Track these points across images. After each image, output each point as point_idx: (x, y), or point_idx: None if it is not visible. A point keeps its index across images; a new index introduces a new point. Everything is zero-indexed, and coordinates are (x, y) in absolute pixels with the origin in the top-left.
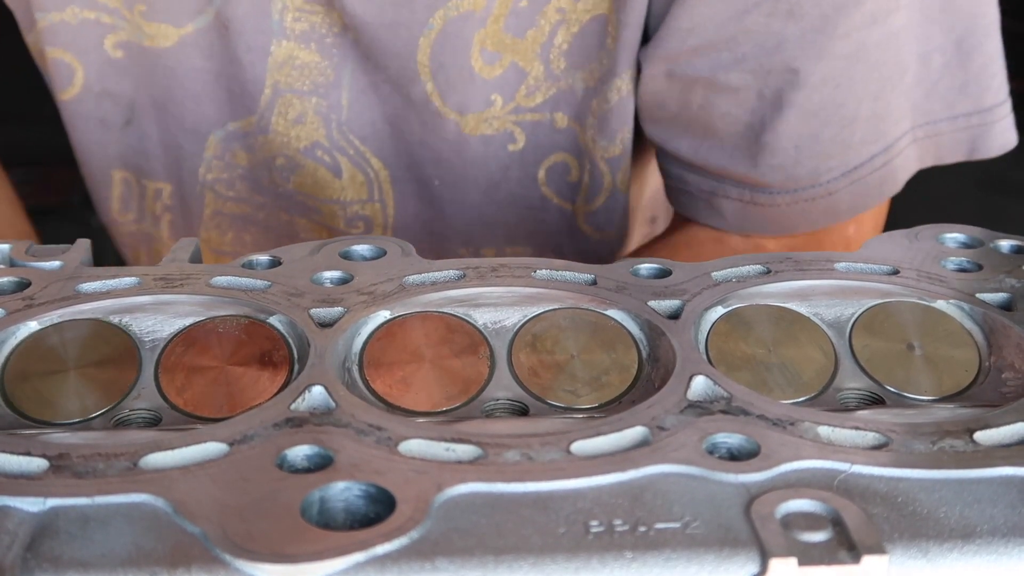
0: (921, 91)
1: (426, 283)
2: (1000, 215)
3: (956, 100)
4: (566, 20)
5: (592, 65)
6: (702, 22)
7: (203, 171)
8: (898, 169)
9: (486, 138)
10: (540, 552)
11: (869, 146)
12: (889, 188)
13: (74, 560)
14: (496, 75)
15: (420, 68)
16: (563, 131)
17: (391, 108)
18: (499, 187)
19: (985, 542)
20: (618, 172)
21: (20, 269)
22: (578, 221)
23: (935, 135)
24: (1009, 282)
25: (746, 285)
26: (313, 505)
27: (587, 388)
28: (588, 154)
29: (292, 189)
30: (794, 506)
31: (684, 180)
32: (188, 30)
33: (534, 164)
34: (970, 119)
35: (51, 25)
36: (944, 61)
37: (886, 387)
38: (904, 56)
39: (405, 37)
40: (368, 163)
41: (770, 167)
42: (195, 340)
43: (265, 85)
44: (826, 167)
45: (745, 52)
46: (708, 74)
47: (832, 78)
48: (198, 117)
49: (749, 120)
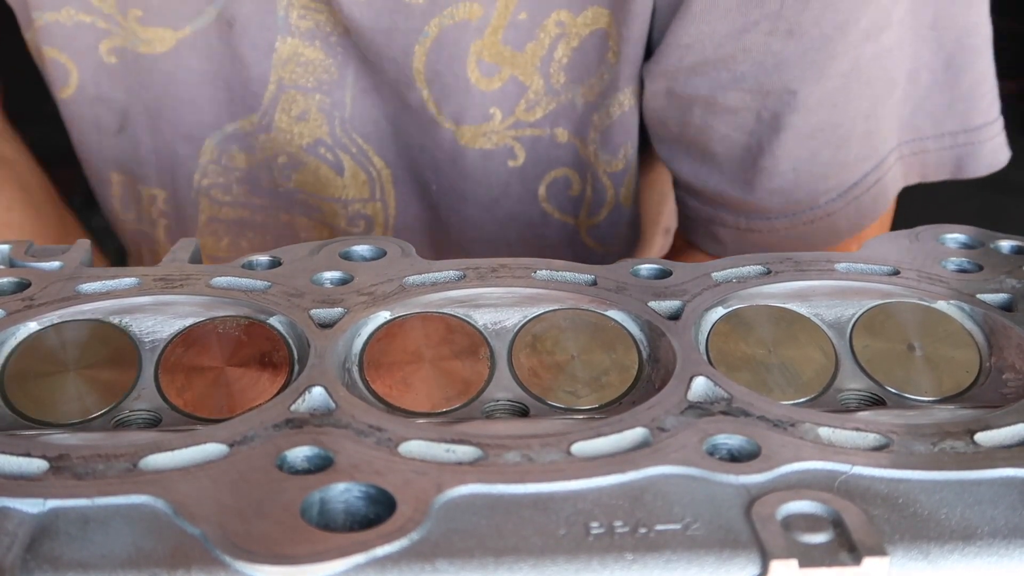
0: (909, 108)
1: (426, 284)
2: (1000, 215)
3: (943, 118)
4: (566, 34)
5: (593, 80)
6: (701, 39)
7: (198, 177)
8: (888, 185)
9: (485, 153)
10: (540, 553)
11: (863, 164)
12: (882, 205)
13: (74, 561)
14: (495, 88)
15: (416, 75)
16: (564, 146)
17: (392, 109)
18: (499, 204)
19: (986, 543)
20: (621, 187)
21: (20, 269)
22: (581, 235)
23: (921, 152)
24: (1009, 282)
25: (746, 286)
26: (313, 506)
27: (587, 389)
28: (590, 168)
29: (293, 188)
30: (795, 507)
31: (685, 204)
32: (186, 32)
33: (534, 180)
34: (956, 137)
35: (47, 25)
36: (932, 79)
37: (886, 388)
38: (894, 72)
39: (401, 43)
40: (370, 161)
41: (768, 191)
42: (195, 341)
43: (269, 82)
44: (824, 188)
45: (744, 71)
46: (707, 93)
47: (829, 98)
48: (194, 121)
49: (747, 143)
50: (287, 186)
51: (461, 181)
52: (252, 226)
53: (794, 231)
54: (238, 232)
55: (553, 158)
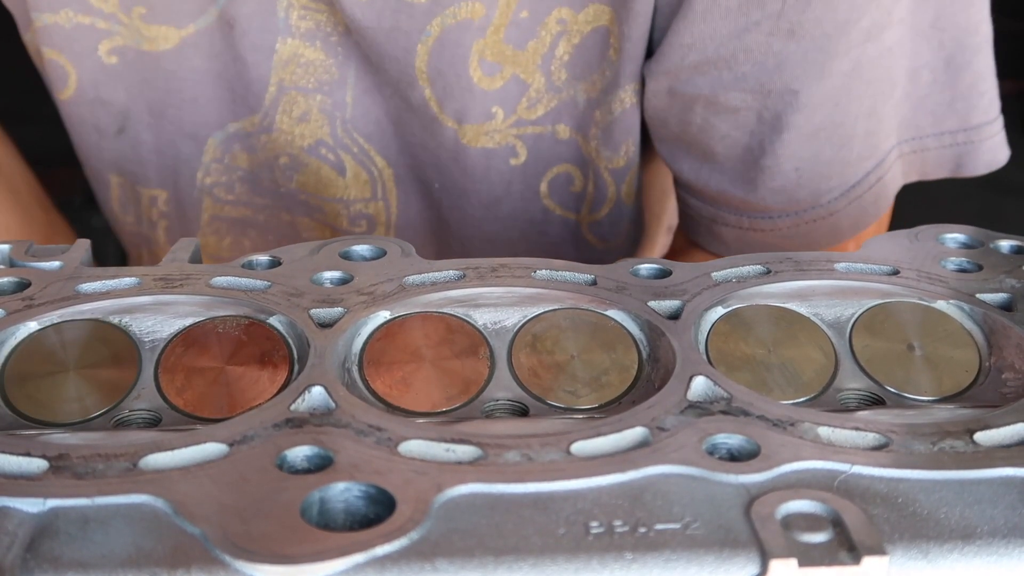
0: (909, 106)
1: (426, 283)
2: (1000, 215)
3: (943, 116)
4: (567, 31)
5: (594, 76)
6: (703, 38)
7: (201, 176)
8: (889, 184)
9: (487, 152)
10: (540, 553)
11: (864, 162)
12: (883, 204)
13: (74, 561)
14: (497, 87)
15: (418, 74)
16: (565, 142)
17: (394, 108)
18: (501, 203)
19: (985, 543)
20: (623, 184)
21: (20, 269)
22: (583, 231)
23: (921, 150)
24: (1009, 282)
25: (746, 285)
26: (313, 506)
27: (587, 388)
28: (592, 164)
29: (295, 188)
30: (794, 507)
31: (687, 203)
32: (189, 31)
33: (536, 177)
34: (956, 136)
35: (46, 26)
36: (933, 77)
37: (886, 387)
38: (895, 71)
39: (403, 43)
40: (372, 161)
41: (771, 191)
42: (195, 340)
43: (270, 83)
44: (827, 187)
45: (745, 71)
46: (708, 92)
47: (831, 97)
48: (197, 120)
49: (748, 143)
50: (289, 187)
51: (463, 180)
52: (254, 225)
53: (797, 230)
54: (240, 231)
55: (555, 155)
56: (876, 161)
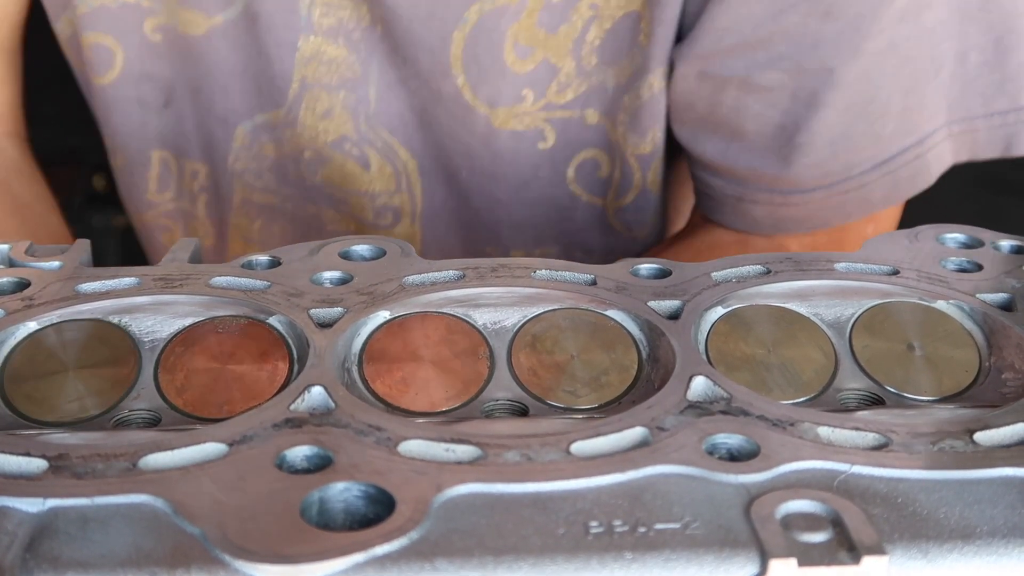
0: (958, 87)
1: (426, 283)
2: (1000, 215)
3: (993, 97)
4: (599, 16)
5: (624, 61)
6: (739, 21)
7: (232, 160)
8: (932, 162)
9: (516, 134)
10: (540, 553)
11: (901, 139)
12: (922, 180)
13: (73, 561)
14: (528, 70)
15: (453, 61)
16: (593, 127)
17: (419, 101)
18: (529, 186)
19: (985, 543)
20: (648, 171)
21: (20, 269)
22: (608, 217)
23: (971, 131)
24: (1009, 282)
25: (746, 285)
26: (312, 505)
27: (587, 388)
28: (618, 150)
29: (320, 182)
30: (794, 507)
31: (709, 184)
32: (218, 21)
33: (564, 162)
34: (1006, 117)
35: (92, 11)
36: (982, 59)
37: (886, 387)
38: (939, 52)
39: (439, 31)
40: (396, 154)
41: (805, 166)
42: (195, 340)
43: (293, 80)
44: (858, 160)
45: (781, 52)
46: (743, 74)
47: (865, 75)
48: (227, 107)
49: (781, 121)
50: (314, 180)
51: (493, 164)
52: (283, 213)
53: (828, 202)
54: (269, 216)
55: (583, 140)
56: (917, 139)
